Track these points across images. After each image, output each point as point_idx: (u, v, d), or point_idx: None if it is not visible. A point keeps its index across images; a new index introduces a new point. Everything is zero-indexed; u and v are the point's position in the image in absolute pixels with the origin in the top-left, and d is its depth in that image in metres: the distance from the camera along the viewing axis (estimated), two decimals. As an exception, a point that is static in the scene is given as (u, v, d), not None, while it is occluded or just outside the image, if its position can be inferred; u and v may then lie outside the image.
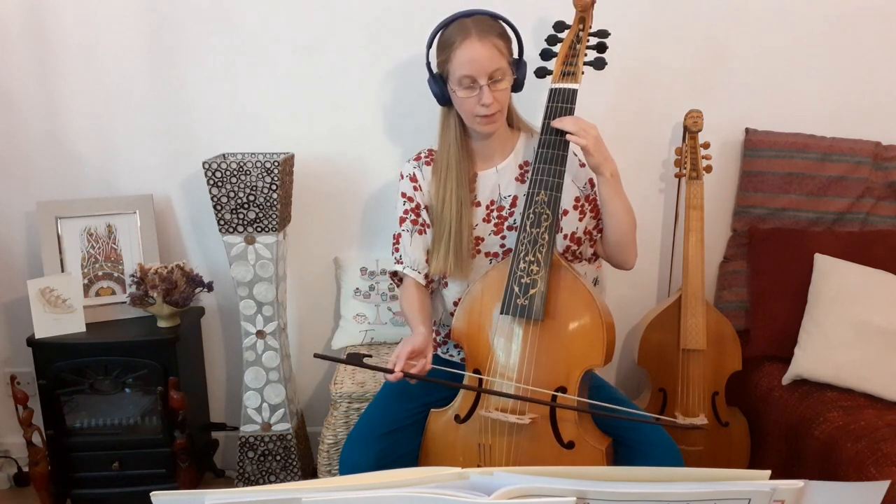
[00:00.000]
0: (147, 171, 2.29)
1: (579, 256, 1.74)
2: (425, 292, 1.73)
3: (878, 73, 2.25)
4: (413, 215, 1.72)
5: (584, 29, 1.67)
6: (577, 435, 1.51)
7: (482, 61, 1.54)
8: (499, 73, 1.56)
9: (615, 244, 1.68)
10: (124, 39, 2.19)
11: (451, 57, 1.57)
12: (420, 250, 1.71)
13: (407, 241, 1.72)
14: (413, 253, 1.71)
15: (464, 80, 1.56)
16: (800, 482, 0.82)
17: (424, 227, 1.72)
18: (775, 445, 2.03)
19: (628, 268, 1.74)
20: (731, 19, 2.20)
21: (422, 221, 1.72)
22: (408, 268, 1.71)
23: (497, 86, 1.57)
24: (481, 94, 1.56)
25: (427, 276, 1.72)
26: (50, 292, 2.10)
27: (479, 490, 0.82)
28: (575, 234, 1.69)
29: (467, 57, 1.55)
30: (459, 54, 1.56)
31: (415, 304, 1.68)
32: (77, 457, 2.16)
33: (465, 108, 1.60)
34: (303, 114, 2.25)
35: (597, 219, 1.71)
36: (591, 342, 1.51)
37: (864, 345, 1.92)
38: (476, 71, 1.55)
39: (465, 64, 1.55)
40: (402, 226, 1.73)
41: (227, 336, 2.45)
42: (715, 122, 2.20)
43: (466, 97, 1.58)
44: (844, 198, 2.23)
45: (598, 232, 1.72)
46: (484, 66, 1.54)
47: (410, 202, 1.73)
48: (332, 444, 2.01)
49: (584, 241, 1.71)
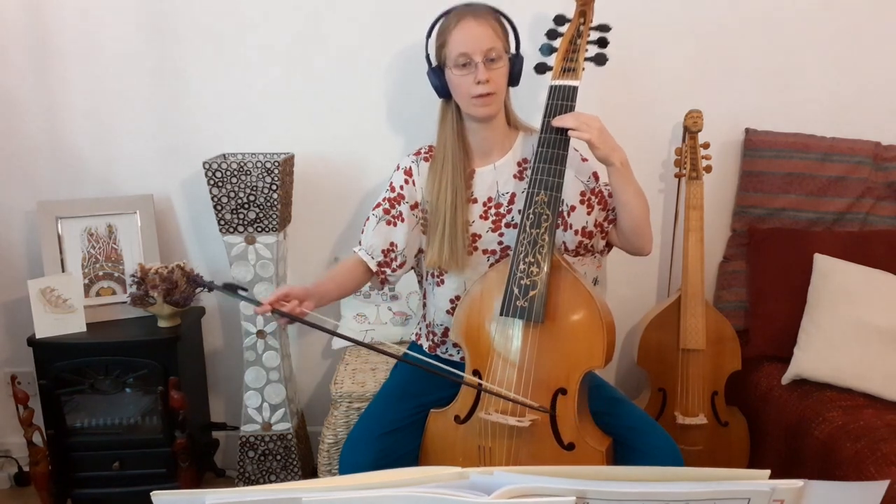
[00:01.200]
0: (147, 171, 2.29)
1: (591, 250, 1.72)
2: (356, 273, 1.73)
3: (878, 73, 2.25)
4: (388, 205, 1.73)
5: (584, 23, 1.66)
6: (577, 436, 1.50)
7: (477, 38, 1.57)
8: (494, 53, 1.58)
9: (631, 232, 1.66)
10: (125, 39, 2.19)
11: (448, 39, 1.60)
12: (381, 238, 1.72)
13: (372, 224, 1.73)
14: (373, 238, 1.72)
15: (459, 58, 1.58)
16: (799, 482, 0.82)
17: (396, 220, 1.72)
18: (775, 445, 2.03)
19: (645, 253, 1.72)
20: (732, 19, 2.20)
21: (395, 213, 1.72)
22: (362, 250, 1.73)
23: (492, 65, 1.58)
24: (477, 72, 1.57)
25: (380, 264, 1.72)
26: (50, 292, 2.10)
27: (479, 490, 0.83)
28: (586, 229, 1.68)
29: (462, 35, 1.58)
30: (455, 34, 1.59)
31: (335, 271, 1.74)
32: (77, 456, 2.16)
33: (462, 88, 1.61)
34: (303, 114, 2.26)
35: (606, 210, 1.69)
36: (591, 343, 1.51)
37: (864, 345, 1.92)
38: (471, 47, 1.56)
39: (461, 42, 1.58)
40: (374, 211, 1.74)
41: (228, 336, 2.45)
42: (715, 122, 2.20)
43: (462, 76, 1.59)
44: (844, 198, 2.23)
45: (608, 223, 1.71)
46: (479, 42, 1.56)
47: (392, 192, 1.74)
48: (332, 444, 2.01)
49: (595, 235, 1.70)
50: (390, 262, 1.73)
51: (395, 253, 1.73)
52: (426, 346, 1.87)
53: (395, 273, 1.75)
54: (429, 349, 1.86)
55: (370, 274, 1.74)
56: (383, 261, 1.73)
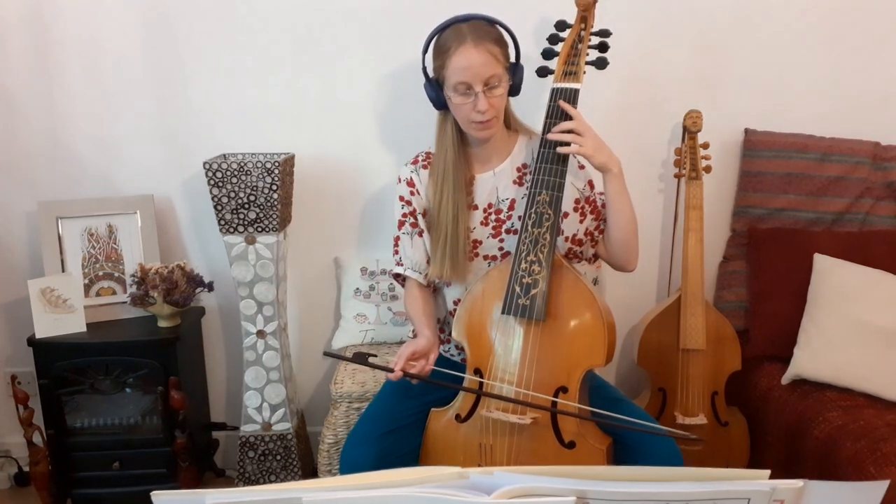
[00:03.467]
0: (148, 172, 2.29)
1: (580, 256, 1.74)
2: (429, 293, 1.74)
3: (878, 73, 2.25)
4: (412, 218, 1.73)
5: (585, 28, 1.68)
6: (577, 435, 1.51)
7: (477, 68, 1.54)
8: (494, 80, 1.56)
9: (620, 243, 1.67)
10: (125, 39, 2.19)
11: (447, 63, 1.57)
12: (420, 252, 1.72)
13: (407, 243, 1.73)
14: (414, 255, 1.72)
15: (459, 86, 1.56)
16: (799, 482, 0.82)
17: (422, 232, 1.73)
18: (775, 445, 2.03)
19: (630, 269, 1.73)
20: (731, 19, 2.20)
21: (420, 226, 1.73)
22: (409, 269, 1.72)
23: (493, 92, 1.56)
24: (476, 101, 1.55)
25: (426, 276, 1.72)
26: (51, 292, 2.10)
27: (480, 490, 0.82)
28: (576, 237, 1.69)
29: (462, 64, 1.54)
30: (455, 61, 1.55)
31: (419, 306, 1.69)
32: (77, 456, 2.16)
33: (461, 114, 1.60)
34: (303, 114, 2.26)
35: (597, 220, 1.71)
36: (592, 342, 1.51)
37: (864, 345, 1.92)
38: (471, 78, 1.54)
39: (460, 71, 1.54)
40: (402, 229, 1.74)
41: (228, 336, 2.45)
42: (714, 123, 2.20)
43: (462, 103, 1.58)
44: (843, 198, 2.23)
45: (598, 233, 1.72)
46: (479, 72, 1.54)
47: (408, 206, 1.73)
48: (332, 444, 2.01)
49: (585, 243, 1.71)
50: None
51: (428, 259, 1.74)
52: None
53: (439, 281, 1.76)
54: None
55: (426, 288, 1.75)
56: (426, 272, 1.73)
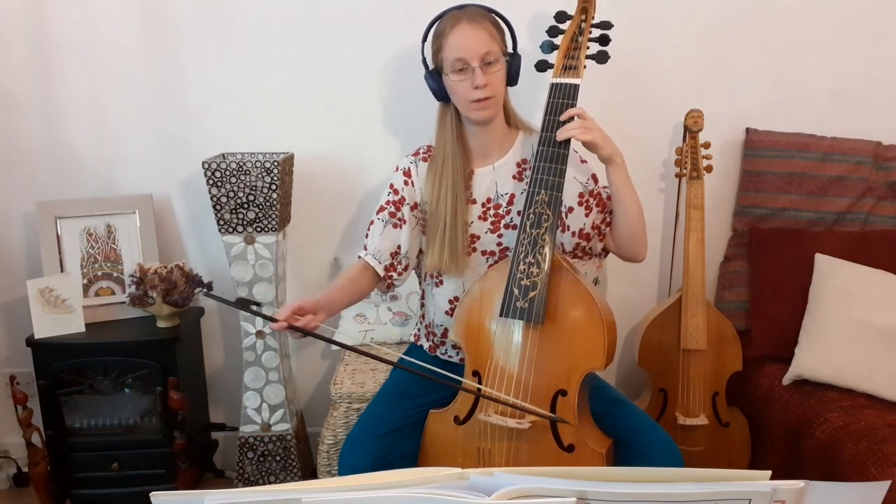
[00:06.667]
0: (146, 171, 2.29)
1: (589, 252, 1.72)
2: (364, 279, 1.70)
3: (878, 73, 2.25)
4: (393, 207, 1.72)
5: (586, 20, 1.65)
6: (577, 438, 1.50)
7: (473, 43, 1.56)
8: (490, 56, 1.57)
9: (628, 234, 1.66)
10: (123, 39, 2.19)
11: (444, 45, 1.59)
12: (388, 242, 1.71)
13: (378, 229, 1.72)
14: (380, 243, 1.71)
15: (456, 63, 1.57)
16: (800, 482, 0.82)
17: (401, 223, 1.71)
18: (776, 446, 2.02)
19: (640, 259, 1.72)
20: (732, 18, 2.19)
21: (400, 216, 1.71)
22: (369, 255, 1.71)
23: (489, 68, 1.57)
24: (474, 77, 1.56)
25: (387, 268, 1.71)
26: (49, 292, 2.10)
27: (479, 490, 0.82)
28: (583, 231, 1.68)
29: (458, 41, 1.57)
30: (451, 39, 1.58)
31: (342, 279, 1.70)
32: (76, 457, 2.16)
33: (460, 93, 1.61)
34: (302, 113, 2.25)
35: (603, 213, 1.69)
36: (592, 345, 1.50)
37: (865, 345, 1.92)
38: (468, 53, 1.56)
39: (457, 47, 1.57)
40: (379, 215, 1.73)
41: (227, 336, 2.44)
42: (715, 122, 2.19)
43: (460, 81, 1.59)
44: (845, 198, 2.22)
45: (605, 226, 1.71)
46: (475, 47, 1.56)
47: (395, 194, 1.73)
48: (331, 445, 2.01)
49: (592, 237, 1.70)
50: (396, 266, 1.72)
51: (401, 256, 1.72)
52: (426, 347, 1.87)
53: (401, 276, 1.74)
54: (429, 349, 1.86)
55: (377, 279, 1.72)
56: (390, 264, 1.72)
